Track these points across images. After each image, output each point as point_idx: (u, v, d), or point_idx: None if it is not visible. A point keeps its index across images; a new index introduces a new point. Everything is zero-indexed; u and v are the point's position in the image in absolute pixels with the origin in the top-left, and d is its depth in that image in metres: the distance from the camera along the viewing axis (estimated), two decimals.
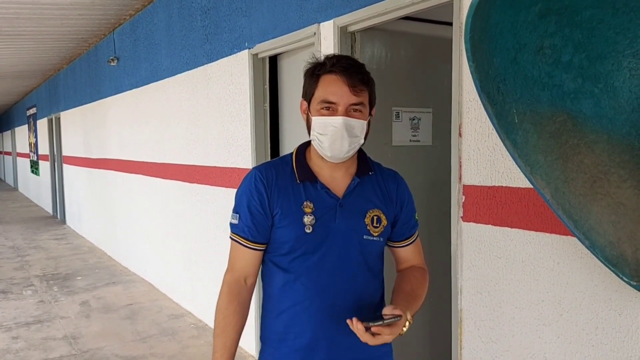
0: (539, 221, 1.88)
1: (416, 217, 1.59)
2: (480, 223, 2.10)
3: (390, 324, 1.27)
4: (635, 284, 1.48)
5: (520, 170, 1.52)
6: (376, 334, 1.27)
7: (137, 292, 5.47)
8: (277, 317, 1.48)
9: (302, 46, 3.12)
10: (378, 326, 1.25)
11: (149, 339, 4.16)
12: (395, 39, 2.87)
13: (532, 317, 1.94)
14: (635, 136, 1.44)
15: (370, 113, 1.45)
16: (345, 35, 2.72)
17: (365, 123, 1.41)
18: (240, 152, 3.71)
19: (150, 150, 5.47)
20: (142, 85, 5.55)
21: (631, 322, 1.66)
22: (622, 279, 1.49)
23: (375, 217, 1.47)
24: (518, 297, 1.99)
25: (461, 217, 2.17)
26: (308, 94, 1.44)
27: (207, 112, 4.17)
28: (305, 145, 1.52)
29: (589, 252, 1.55)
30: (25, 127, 14.69)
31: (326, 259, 1.43)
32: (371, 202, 1.48)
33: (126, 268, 6.52)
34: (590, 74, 1.44)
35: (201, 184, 4.33)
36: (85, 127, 8.14)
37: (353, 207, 1.45)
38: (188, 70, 4.43)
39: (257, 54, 3.47)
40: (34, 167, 13.69)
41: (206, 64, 4.12)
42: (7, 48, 7.36)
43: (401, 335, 1.33)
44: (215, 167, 4.08)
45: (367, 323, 1.25)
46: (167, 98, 4.91)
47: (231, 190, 3.43)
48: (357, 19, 2.59)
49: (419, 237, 1.61)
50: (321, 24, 2.84)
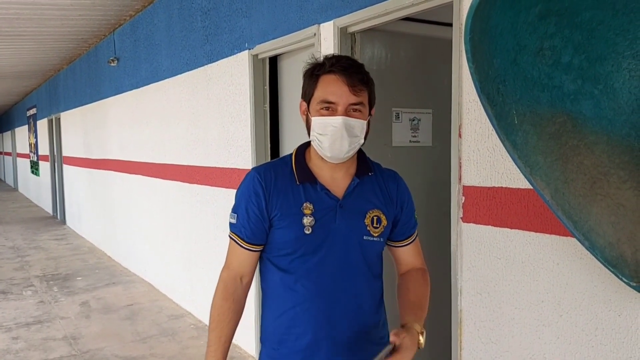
0: (538, 222, 1.89)
1: (415, 216, 1.59)
2: (480, 224, 2.10)
3: (387, 355, 1.28)
4: (634, 284, 1.48)
5: (520, 171, 1.52)
6: None
7: (137, 293, 5.47)
8: (278, 318, 1.47)
9: (302, 47, 3.12)
10: None
11: (148, 339, 4.16)
12: (395, 39, 2.87)
13: (532, 318, 1.94)
14: (635, 137, 1.44)
15: (370, 113, 1.44)
16: (345, 36, 2.72)
17: (365, 123, 1.41)
18: (241, 152, 3.71)
19: (150, 150, 5.48)
20: (142, 86, 5.55)
21: (631, 322, 1.66)
22: (621, 279, 1.50)
23: (375, 218, 1.46)
24: (518, 297, 1.99)
25: (461, 218, 2.17)
26: (307, 95, 1.44)
27: (207, 113, 4.17)
28: (305, 146, 1.52)
29: (588, 253, 1.55)
30: (26, 127, 14.70)
31: (326, 260, 1.42)
32: (371, 203, 1.48)
33: (126, 268, 6.52)
34: (590, 75, 1.44)
35: (201, 184, 4.33)
36: (85, 127, 8.14)
37: (353, 208, 1.45)
38: (188, 70, 4.43)
39: (257, 55, 3.47)
40: (34, 168, 13.69)
41: (206, 64, 4.12)
42: (8, 48, 7.36)
43: (421, 348, 1.37)
44: (215, 167, 4.08)
45: None
46: (167, 99, 4.91)
47: (231, 191, 3.42)
48: (357, 19, 2.59)
49: (418, 236, 1.61)
50: (321, 24, 2.84)
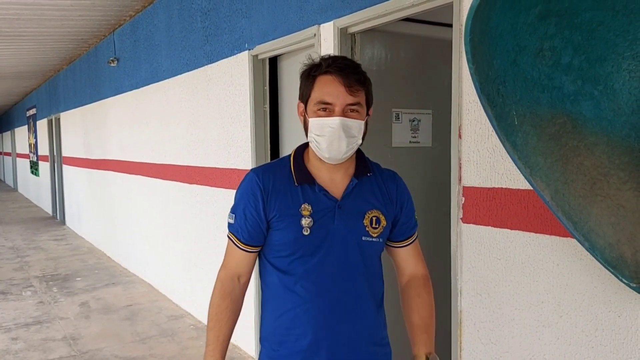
0: (538, 223, 1.89)
1: (415, 217, 1.59)
2: (480, 224, 2.10)
3: None
4: (634, 285, 1.49)
5: (520, 172, 1.52)
6: None
7: (137, 293, 5.46)
8: (277, 319, 1.47)
9: (302, 47, 3.12)
10: None
11: (148, 340, 4.16)
12: (395, 40, 2.87)
13: (532, 319, 1.94)
14: (634, 138, 1.44)
15: (367, 113, 1.44)
16: (345, 36, 2.72)
17: (362, 123, 1.41)
18: (240, 153, 3.71)
19: (150, 151, 5.48)
20: (142, 86, 5.55)
21: (631, 323, 1.66)
22: (621, 280, 1.50)
23: (374, 218, 1.46)
24: (518, 298, 1.99)
25: (461, 219, 2.17)
26: (304, 96, 1.44)
27: (207, 113, 4.17)
28: (304, 147, 1.52)
29: (588, 253, 1.55)
30: (25, 127, 14.69)
31: (325, 261, 1.42)
32: (370, 203, 1.47)
33: (126, 269, 6.52)
34: (590, 76, 1.44)
35: (201, 185, 4.33)
36: (85, 127, 8.14)
37: (352, 209, 1.45)
38: (188, 71, 4.43)
39: (257, 55, 3.47)
40: (34, 168, 13.68)
41: (206, 65, 4.12)
42: (8, 49, 7.36)
43: None
44: (215, 168, 4.08)
45: None
46: (167, 99, 4.92)
47: (231, 192, 3.43)
48: (357, 20, 2.59)
49: (418, 238, 1.60)
50: (321, 25, 2.84)
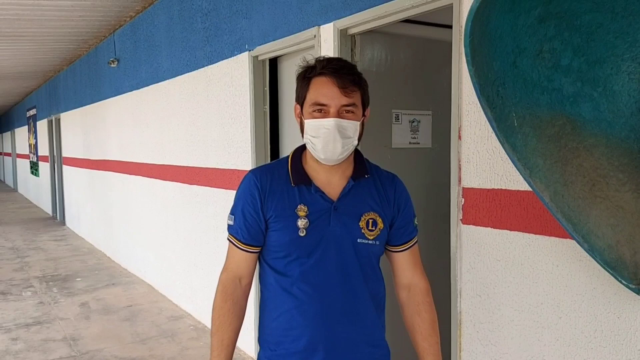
0: (538, 224, 1.89)
1: (415, 222, 1.57)
2: (480, 226, 2.10)
3: None
4: (633, 287, 1.49)
5: (519, 174, 1.52)
6: None
7: (137, 294, 5.47)
8: (275, 320, 1.48)
9: (302, 49, 3.12)
10: None
11: (148, 340, 4.16)
12: (395, 41, 2.88)
13: (531, 320, 1.95)
14: (634, 140, 1.45)
15: (363, 114, 1.45)
16: (345, 37, 2.72)
17: (358, 124, 1.41)
18: (240, 153, 3.71)
19: (150, 151, 5.48)
20: (142, 87, 5.55)
21: (630, 324, 1.67)
22: (620, 282, 1.50)
23: (370, 220, 1.46)
24: (517, 299, 1.99)
25: (460, 220, 2.18)
26: (300, 98, 1.45)
27: (207, 114, 4.17)
28: (302, 148, 1.52)
29: (587, 255, 1.55)
30: (25, 128, 14.70)
31: (321, 263, 1.42)
32: (367, 205, 1.47)
33: (126, 269, 6.52)
34: (589, 78, 1.44)
35: (201, 185, 4.33)
36: (85, 128, 8.14)
37: (348, 210, 1.45)
38: (188, 72, 4.44)
39: (257, 56, 3.48)
40: (34, 168, 13.69)
41: (206, 65, 4.12)
42: (8, 49, 7.37)
43: None
44: (215, 168, 4.08)
45: None
46: (168, 100, 4.92)
47: (231, 192, 3.43)
48: (357, 21, 2.60)
49: (417, 243, 1.59)
50: (321, 26, 2.85)
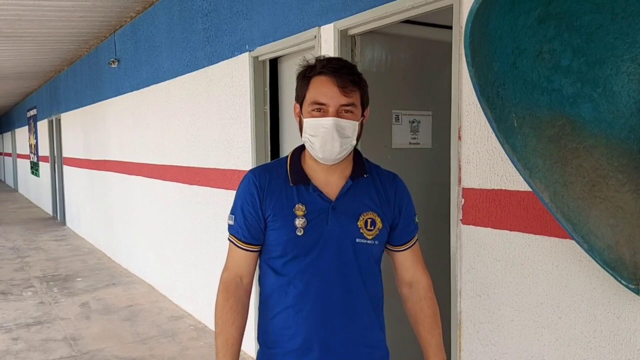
0: (537, 224, 1.89)
1: (416, 220, 1.59)
2: (480, 226, 2.11)
3: None
4: (633, 287, 1.49)
5: (519, 174, 1.53)
6: None
7: (137, 294, 5.47)
8: (272, 319, 1.48)
9: (303, 49, 3.13)
10: None
11: (148, 340, 4.16)
12: (395, 42, 2.88)
13: (531, 320, 1.95)
14: (633, 140, 1.45)
15: (362, 114, 1.45)
16: (345, 38, 2.73)
17: (357, 124, 1.41)
18: (241, 154, 3.71)
19: (150, 152, 5.48)
20: (142, 87, 5.55)
21: (629, 325, 1.67)
22: (620, 282, 1.50)
23: (369, 220, 1.46)
24: (517, 299, 1.99)
25: (460, 220, 2.18)
26: (300, 97, 1.45)
27: (207, 114, 4.17)
28: (301, 148, 1.52)
29: (587, 255, 1.55)
30: (26, 128, 14.70)
31: (318, 262, 1.43)
32: (365, 205, 1.47)
33: (126, 269, 6.52)
34: (589, 79, 1.44)
35: (201, 185, 4.33)
36: (85, 128, 8.15)
37: (346, 210, 1.45)
38: (189, 72, 4.44)
39: (257, 57, 3.48)
40: (34, 169, 13.69)
41: (207, 66, 4.13)
42: (8, 49, 7.37)
43: None
44: (215, 169, 4.09)
45: None
46: (168, 100, 4.92)
47: (231, 192, 3.43)
48: (357, 22, 2.60)
49: (418, 240, 1.60)
50: (322, 27, 2.85)
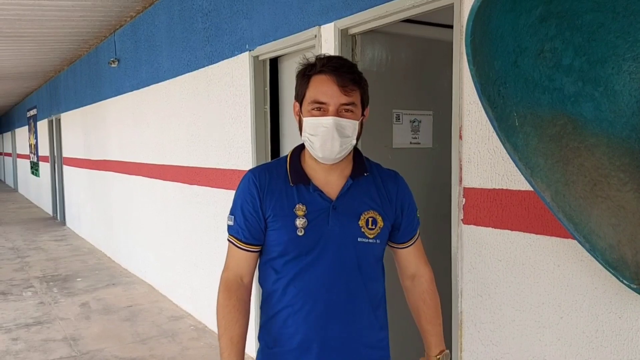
0: (539, 224, 1.89)
1: (417, 215, 1.59)
2: (481, 226, 2.10)
3: None
4: (635, 287, 1.49)
5: (520, 173, 1.52)
6: None
7: (137, 294, 5.47)
8: (271, 318, 1.48)
9: (303, 48, 3.12)
10: None
11: (148, 340, 4.16)
12: (396, 41, 2.87)
13: (533, 320, 1.94)
14: (635, 139, 1.45)
15: (362, 113, 1.44)
16: (346, 37, 2.72)
17: (357, 123, 1.41)
18: (241, 154, 3.71)
19: (150, 151, 5.48)
20: (142, 87, 5.55)
21: (631, 325, 1.66)
22: (622, 282, 1.50)
23: (370, 219, 1.45)
24: (518, 299, 1.99)
25: (461, 220, 2.17)
26: (300, 95, 1.44)
27: (207, 114, 4.17)
28: (301, 148, 1.52)
29: (589, 255, 1.55)
30: (26, 128, 14.70)
31: (319, 262, 1.42)
32: (366, 204, 1.47)
33: (126, 269, 6.52)
34: (590, 78, 1.44)
35: (202, 185, 4.33)
36: (85, 128, 8.14)
37: (347, 209, 1.44)
38: (189, 72, 4.44)
39: (257, 56, 3.48)
40: (34, 169, 13.69)
41: (207, 65, 4.12)
42: (8, 49, 7.37)
43: None
44: (215, 169, 4.08)
45: None
46: (168, 100, 4.92)
47: (231, 192, 3.42)
48: (357, 21, 2.59)
49: (419, 235, 1.61)
50: (322, 26, 2.84)
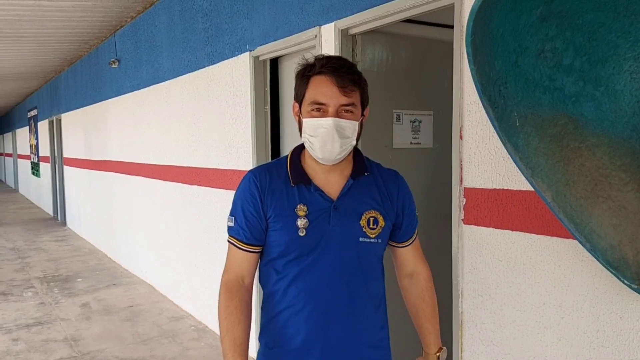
0: (540, 224, 1.88)
1: (416, 214, 1.59)
2: (481, 226, 2.10)
3: None
4: (636, 287, 1.48)
5: (521, 173, 1.52)
6: None
7: (138, 294, 5.46)
8: (273, 319, 1.48)
9: (304, 49, 3.12)
10: None
11: (149, 341, 4.16)
12: (396, 41, 2.87)
13: (533, 320, 1.94)
14: (636, 139, 1.44)
15: (362, 113, 1.44)
16: (346, 37, 2.72)
17: (356, 124, 1.40)
18: (241, 154, 3.71)
19: (151, 152, 5.48)
20: (143, 88, 5.55)
21: (632, 325, 1.66)
22: (623, 282, 1.49)
23: (371, 219, 1.45)
24: (519, 300, 1.98)
25: (462, 220, 2.17)
26: (299, 96, 1.44)
27: (208, 114, 4.17)
28: (301, 148, 1.51)
29: (590, 255, 1.55)
30: (26, 128, 14.70)
31: (320, 262, 1.42)
32: (367, 204, 1.46)
33: (127, 270, 6.52)
34: (591, 77, 1.44)
35: (202, 186, 4.33)
36: (86, 129, 8.15)
37: (348, 209, 1.44)
38: (189, 72, 4.44)
39: (258, 57, 3.48)
40: (35, 169, 13.69)
41: (207, 66, 4.12)
42: (9, 50, 7.37)
43: None
44: (216, 169, 4.08)
45: None
46: (168, 100, 4.92)
47: (232, 193, 3.43)
48: (358, 21, 2.59)
49: (417, 234, 1.61)
50: (322, 26, 2.84)
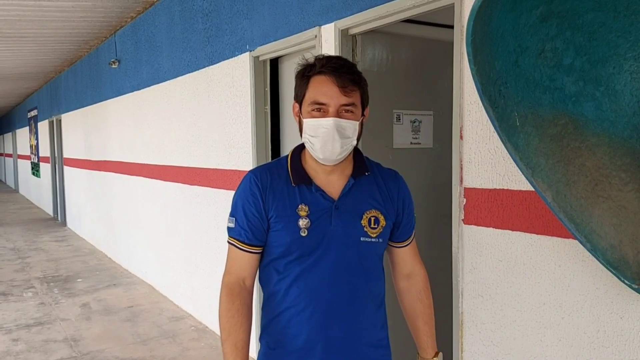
0: (540, 224, 1.88)
1: (414, 214, 1.59)
2: (482, 226, 2.10)
3: None
4: (636, 287, 1.48)
5: (521, 173, 1.52)
6: None
7: (138, 294, 5.46)
8: (274, 319, 1.47)
9: (304, 49, 3.12)
10: None
11: (149, 341, 4.16)
12: (397, 41, 2.87)
13: (534, 320, 1.94)
14: (636, 139, 1.44)
15: (362, 113, 1.44)
16: (346, 38, 2.72)
17: (357, 124, 1.40)
18: (241, 154, 3.71)
19: (151, 152, 5.48)
20: (143, 88, 5.55)
21: (633, 325, 1.66)
22: (623, 282, 1.49)
23: (372, 218, 1.45)
24: (519, 300, 1.98)
25: (462, 220, 2.17)
26: (299, 96, 1.44)
27: (208, 115, 4.17)
28: (301, 148, 1.51)
29: (590, 255, 1.55)
30: (26, 129, 14.71)
31: (322, 262, 1.42)
32: (368, 203, 1.46)
33: (127, 270, 6.52)
34: (591, 77, 1.44)
35: (202, 186, 4.33)
36: (86, 129, 8.15)
37: (349, 209, 1.44)
38: (189, 72, 4.44)
39: (258, 57, 3.48)
40: (35, 169, 13.70)
41: (207, 66, 4.12)
42: (9, 50, 7.37)
43: None
44: (216, 169, 4.08)
45: None
46: (168, 100, 4.92)
47: (232, 193, 3.43)
48: (358, 21, 2.59)
49: (415, 234, 1.62)
50: (322, 26, 2.84)
